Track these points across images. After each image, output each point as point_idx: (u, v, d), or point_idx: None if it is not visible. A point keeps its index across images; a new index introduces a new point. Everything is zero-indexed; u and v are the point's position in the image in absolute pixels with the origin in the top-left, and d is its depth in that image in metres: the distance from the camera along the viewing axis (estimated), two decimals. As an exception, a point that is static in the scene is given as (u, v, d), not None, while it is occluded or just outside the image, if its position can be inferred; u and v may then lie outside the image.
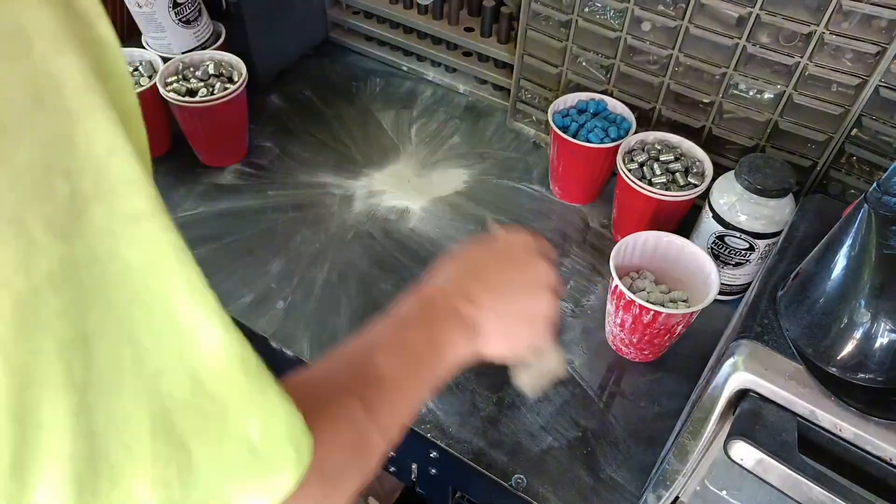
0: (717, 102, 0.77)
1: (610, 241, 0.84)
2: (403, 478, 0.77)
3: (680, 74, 0.78)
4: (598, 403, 0.67)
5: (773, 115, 0.74)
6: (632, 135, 0.79)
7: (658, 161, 0.75)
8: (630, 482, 0.62)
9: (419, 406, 0.50)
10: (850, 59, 0.66)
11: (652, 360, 0.71)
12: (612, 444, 0.64)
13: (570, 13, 0.81)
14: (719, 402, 0.44)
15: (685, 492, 0.51)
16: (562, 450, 0.64)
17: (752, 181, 0.65)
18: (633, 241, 0.68)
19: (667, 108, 0.82)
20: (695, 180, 0.74)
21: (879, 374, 0.40)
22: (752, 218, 0.66)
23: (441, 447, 0.64)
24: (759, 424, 0.41)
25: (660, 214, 0.75)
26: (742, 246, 0.68)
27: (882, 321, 0.39)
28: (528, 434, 0.65)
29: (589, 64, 0.85)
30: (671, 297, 0.67)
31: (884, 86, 0.66)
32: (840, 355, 0.40)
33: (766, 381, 0.41)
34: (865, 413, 0.39)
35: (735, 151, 0.80)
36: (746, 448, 0.40)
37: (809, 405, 0.40)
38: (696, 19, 0.73)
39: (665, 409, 0.67)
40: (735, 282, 0.73)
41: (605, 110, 0.83)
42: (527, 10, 0.85)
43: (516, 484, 0.61)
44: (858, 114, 0.69)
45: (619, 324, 0.67)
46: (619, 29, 0.79)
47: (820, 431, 0.40)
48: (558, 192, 0.88)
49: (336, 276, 0.78)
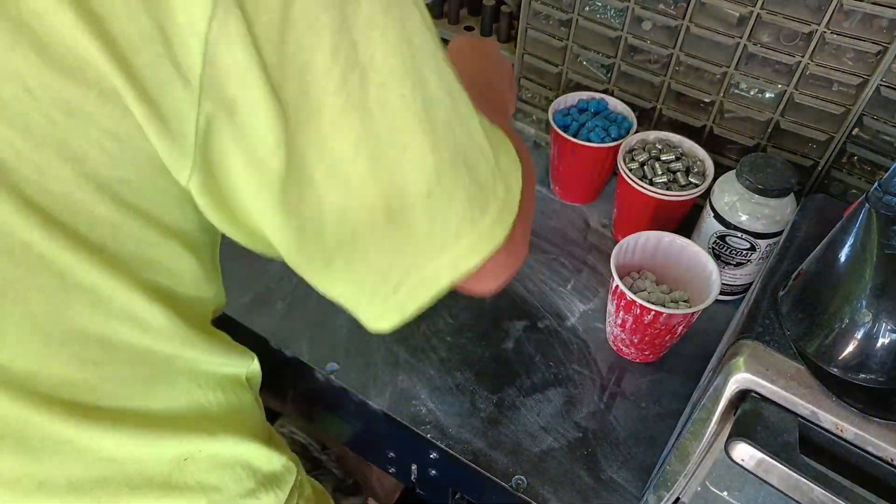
0: (718, 102, 0.77)
1: (610, 240, 0.83)
2: (403, 478, 0.77)
3: (681, 74, 0.78)
4: (598, 404, 0.67)
5: (774, 115, 0.74)
6: (632, 134, 0.78)
7: (659, 160, 0.75)
8: (631, 483, 0.61)
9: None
10: (852, 59, 0.66)
11: (653, 360, 0.71)
12: (613, 445, 0.64)
13: (571, 12, 0.81)
14: (720, 403, 0.44)
15: (686, 493, 0.50)
16: (562, 450, 0.64)
17: (753, 181, 0.65)
18: (633, 241, 0.68)
19: (668, 107, 0.82)
20: (696, 180, 0.74)
21: (881, 374, 0.40)
22: (753, 218, 0.66)
23: (441, 448, 0.64)
24: (761, 425, 0.41)
25: (661, 214, 0.75)
26: (743, 246, 0.68)
27: (883, 321, 0.38)
28: (528, 435, 0.65)
29: (589, 63, 0.85)
30: (672, 298, 0.67)
31: (885, 85, 0.66)
32: (841, 355, 0.40)
33: (768, 382, 0.41)
34: (866, 413, 0.39)
35: (736, 151, 0.79)
36: (747, 449, 0.40)
37: (811, 406, 0.40)
38: (696, 18, 0.73)
39: (666, 409, 0.67)
40: (736, 282, 0.73)
41: (605, 109, 0.83)
42: (527, 9, 0.85)
43: (516, 485, 0.61)
44: (860, 113, 0.69)
45: (619, 324, 0.67)
46: (619, 28, 0.79)
47: (821, 432, 0.40)
48: (559, 191, 0.88)
49: (336, 276, 0.78)
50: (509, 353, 0.71)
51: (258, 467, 0.47)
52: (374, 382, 0.69)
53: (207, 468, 0.43)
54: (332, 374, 0.69)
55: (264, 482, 0.47)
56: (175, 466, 0.41)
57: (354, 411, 0.71)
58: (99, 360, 0.37)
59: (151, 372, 0.40)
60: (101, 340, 0.36)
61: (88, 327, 0.35)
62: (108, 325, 0.36)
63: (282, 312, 0.74)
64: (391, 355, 0.71)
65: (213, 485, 0.43)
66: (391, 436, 0.71)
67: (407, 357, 0.71)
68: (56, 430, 0.36)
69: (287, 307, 0.75)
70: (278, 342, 0.72)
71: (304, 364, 0.70)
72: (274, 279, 0.78)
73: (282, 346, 0.71)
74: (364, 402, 0.68)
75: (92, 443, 0.38)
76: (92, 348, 0.36)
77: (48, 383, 0.35)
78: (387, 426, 0.68)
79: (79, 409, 0.37)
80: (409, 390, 0.68)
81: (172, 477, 0.41)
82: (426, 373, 0.69)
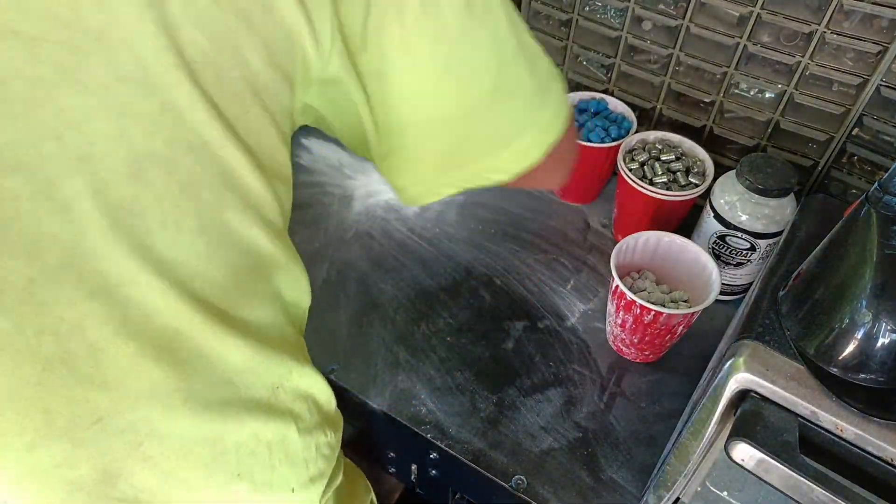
0: (718, 102, 0.77)
1: (610, 240, 0.83)
2: (403, 478, 0.77)
3: (681, 74, 0.78)
4: (598, 404, 0.67)
5: (774, 115, 0.74)
6: (632, 134, 0.78)
7: (659, 161, 0.75)
8: (631, 483, 0.61)
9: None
10: (852, 59, 0.66)
11: (653, 360, 0.71)
12: (613, 445, 0.64)
13: (571, 12, 0.81)
14: (720, 403, 0.44)
15: (686, 493, 0.50)
16: (562, 450, 0.64)
17: (753, 181, 0.65)
18: (633, 241, 0.68)
19: (668, 107, 0.82)
20: (696, 180, 0.74)
21: (881, 374, 0.40)
22: (753, 218, 0.66)
23: (441, 448, 0.64)
24: (761, 425, 0.41)
25: (661, 214, 0.75)
26: (743, 246, 0.68)
27: (883, 321, 0.38)
28: (528, 435, 0.65)
29: (589, 63, 0.85)
30: (672, 298, 0.67)
31: (885, 85, 0.66)
32: (841, 356, 0.40)
33: (768, 382, 0.41)
34: (866, 413, 0.39)
35: (736, 151, 0.79)
36: (747, 449, 0.40)
37: (811, 406, 0.40)
38: (696, 18, 0.73)
39: (666, 409, 0.67)
40: (736, 282, 0.73)
41: (605, 109, 0.83)
42: (527, 8, 0.85)
43: (516, 485, 0.61)
44: (860, 113, 0.69)
45: (619, 324, 0.67)
46: (619, 28, 0.79)
47: (821, 432, 0.40)
48: (559, 191, 0.88)
49: (335, 276, 0.78)
50: (509, 353, 0.71)
51: (321, 404, 0.49)
52: (374, 382, 0.69)
53: (293, 397, 0.45)
54: (331, 373, 0.69)
55: (326, 419, 0.50)
56: (272, 393, 0.43)
57: (354, 411, 0.71)
58: (238, 264, 0.38)
59: (265, 287, 0.42)
60: (242, 243, 0.38)
61: (237, 229, 0.37)
62: (249, 228, 0.38)
63: (282, 312, 0.74)
64: (391, 355, 0.71)
65: (298, 412, 0.46)
66: (391, 436, 0.71)
67: (407, 357, 0.71)
68: (201, 342, 0.37)
69: (287, 307, 0.75)
70: (278, 342, 0.72)
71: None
72: (274, 279, 0.78)
73: (282, 346, 0.71)
74: (364, 402, 0.68)
75: (222, 359, 0.39)
76: (234, 252, 0.38)
77: (203, 287, 0.37)
78: (387, 426, 0.68)
79: (220, 317, 0.38)
80: (409, 390, 0.68)
81: (271, 402, 0.43)
82: (426, 373, 0.69)
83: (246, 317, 0.40)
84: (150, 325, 0.35)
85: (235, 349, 0.39)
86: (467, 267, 0.80)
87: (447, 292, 0.77)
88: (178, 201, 0.34)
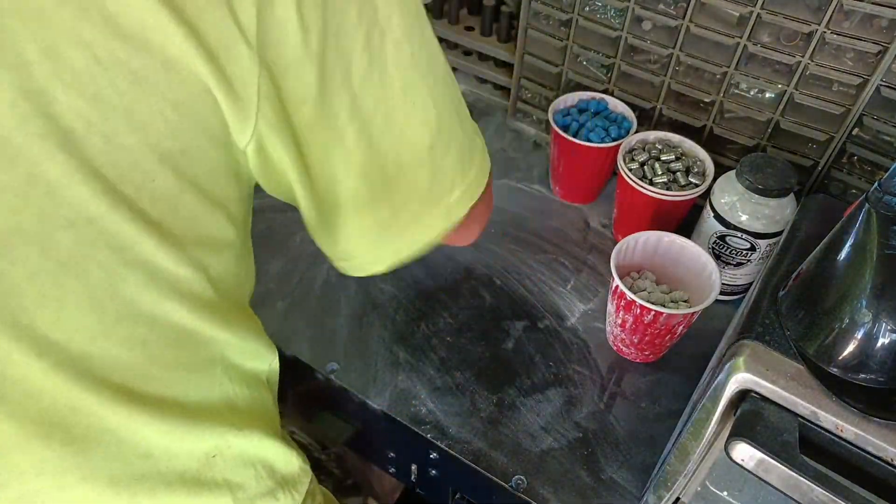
0: (718, 102, 0.77)
1: (610, 240, 0.83)
2: (403, 478, 0.77)
3: (681, 74, 0.78)
4: (598, 404, 0.67)
5: (774, 115, 0.74)
6: (632, 134, 0.78)
7: (659, 160, 0.75)
8: (631, 483, 0.61)
9: None
10: (852, 59, 0.66)
11: (653, 360, 0.71)
12: (613, 445, 0.64)
13: (571, 12, 0.81)
14: (720, 403, 0.44)
15: (686, 493, 0.50)
16: (562, 450, 0.64)
17: (753, 181, 0.65)
18: (633, 241, 0.68)
19: (668, 107, 0.82)
20: (696, 180, 0.74)
21: (881, 374, 0.39)
22: (753, 218, 0.66)
23: (441, 448, 0.64)
24: (761, 425, 0.40)
25: (660, 214, 0.75)
26: (743, 246, 0.68)
27: (883, 321, 0.38)
28: (528, 435, 0.65)
29: (589, 63, 0.85)
30: (672, 298, 0.67)
31: (885, 85, 0.66)
32: (841, 356, 0.40)
33: (768, 382, 0.41)
34: (867, 413, 0.39)
35: (736, 151, 0.79)
36: (747, 449, 0.40)
37: (811, 406, 0.40)
38: (696, 18, 0.73)
39: (666, 409, 0.67)
40: (736, 282, 0.73)
41: (605, 109, 0.83)
42: (527, 9, 0.85)
43: (516, 485, 0.61)
44: (860, 113, 0.69)
45: (619, 324, 0.67)
46: (619, 28, 0.79)
47: (821, 432, 0.40)
48: (559, 191, 0.88)
49: (335, 277, 0.78)
50: (509, 353, 0.71)
51: (277, 468, 0.47)
52: (374, 382, 0.69)
53: (234, 465, 0.43)
54: (332, 374, 0.69)
55: (282, 483, 0.48)
56: (205, 463, 0.42)
57: (354, 411, 0.71)
58: (147, 340, 0.37)
59: (191, 358, 0.40)
60: (151, 319, 0.36)
61: (141, 304, 0.35)
62: (159, 303, 0.36)
63: (282, 312, 0.74)
64: (391, 355, 0.71)
65: (238, 483, 0.44)
66: (391, 436, 0.71)
67: (407, 357, 0.71)
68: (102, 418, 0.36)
69: (287, 307, 0.75)
70: (278, 342, 0.71)
71: (305, 364, 0.70)
72: (274, 279, 0.78)
73: (282, 346, 0.71)
74: (364, 402, 0.68)
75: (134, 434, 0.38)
76: (142, 327, 0.36)
77: (101, 365, 0.35)
78: (387, 426, 0.68)
79: (125, 395, 0.37)
80: (409, 390, 0.68)
81: (202, 474, 0.42)
82: (426, 373, 0.69)
83: (162, 391, 0.39)
84: (35, 404, 0.34)
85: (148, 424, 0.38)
86: (467, 267, 0.80)
87: (447, 292, 0.77)
88: (57, 279, 0.32)
